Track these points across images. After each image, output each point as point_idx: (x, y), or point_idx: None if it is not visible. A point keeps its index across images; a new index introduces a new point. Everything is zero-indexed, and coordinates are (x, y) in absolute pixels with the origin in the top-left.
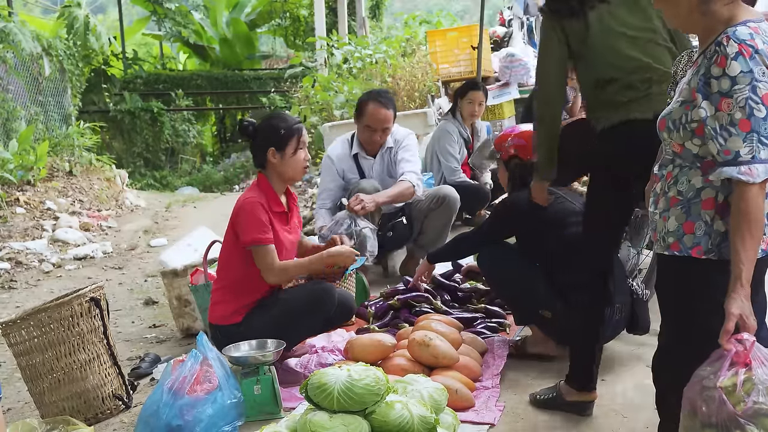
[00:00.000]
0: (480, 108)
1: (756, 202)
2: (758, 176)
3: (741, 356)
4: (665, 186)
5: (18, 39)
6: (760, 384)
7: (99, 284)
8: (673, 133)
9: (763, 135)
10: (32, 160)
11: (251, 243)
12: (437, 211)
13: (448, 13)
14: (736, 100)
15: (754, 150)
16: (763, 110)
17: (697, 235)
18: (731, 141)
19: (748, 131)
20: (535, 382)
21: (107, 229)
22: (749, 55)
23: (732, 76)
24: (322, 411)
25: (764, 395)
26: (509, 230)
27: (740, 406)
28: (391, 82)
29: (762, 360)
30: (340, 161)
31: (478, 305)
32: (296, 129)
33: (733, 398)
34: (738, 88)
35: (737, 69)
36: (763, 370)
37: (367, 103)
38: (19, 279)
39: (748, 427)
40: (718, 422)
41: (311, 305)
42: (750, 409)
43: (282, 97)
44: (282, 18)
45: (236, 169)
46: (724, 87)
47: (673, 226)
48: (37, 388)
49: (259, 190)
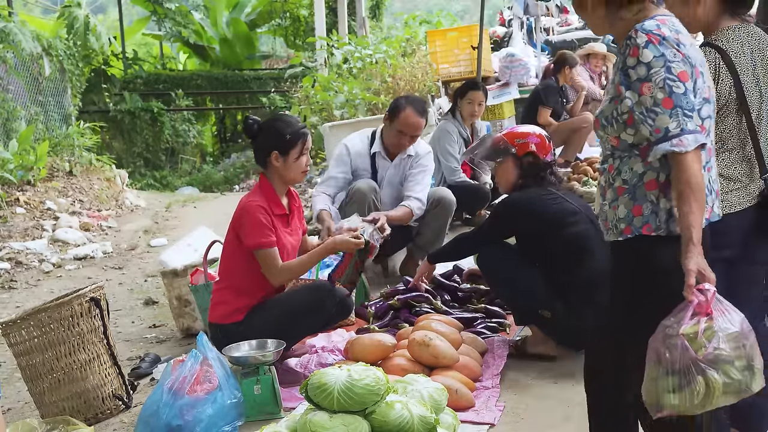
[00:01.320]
0: (480, 108)
1: (693, 168)
2: (689, 145)
3: (703, 306)
4: (609, 178)
5: (18, 39)
6: (720, 332)
7: (99, 284)
8: (608, 128)
9: (686, 109)
10: (32, 160)
11: (255, 247)
12: (433, 213)
13: (448, 13)
14: (655, 82)
15: (681, 123)
16: (682, 86)
17: (645, 215)
18: (659, 119)
19: (671, 108)
20: (535, 382)
21: (107, 229)
22: (658, 42)
23: (646, 62)
24: (322, 411)
25: (724, 342)
26: (509, 230)
27: (701, 351)
28: (391, 82)
29: (723, 310)
30: (358, 157)
31: (478, 305)
32: (301, 134)
33: (694, 345)
34: (654, 71)
35: (650, 55)
36: (723, 319)
37: (404, 108)
38: (19, 279)
39: (708, 371)
40: (681, 368)
41: (311, 305)
42: (711, 354)
43: (282, 97)
44: (282, 18)
45: (236, 169)
46: (642, 73)
47: (623, 212)
48: (37, 388)
49: (260, 193)
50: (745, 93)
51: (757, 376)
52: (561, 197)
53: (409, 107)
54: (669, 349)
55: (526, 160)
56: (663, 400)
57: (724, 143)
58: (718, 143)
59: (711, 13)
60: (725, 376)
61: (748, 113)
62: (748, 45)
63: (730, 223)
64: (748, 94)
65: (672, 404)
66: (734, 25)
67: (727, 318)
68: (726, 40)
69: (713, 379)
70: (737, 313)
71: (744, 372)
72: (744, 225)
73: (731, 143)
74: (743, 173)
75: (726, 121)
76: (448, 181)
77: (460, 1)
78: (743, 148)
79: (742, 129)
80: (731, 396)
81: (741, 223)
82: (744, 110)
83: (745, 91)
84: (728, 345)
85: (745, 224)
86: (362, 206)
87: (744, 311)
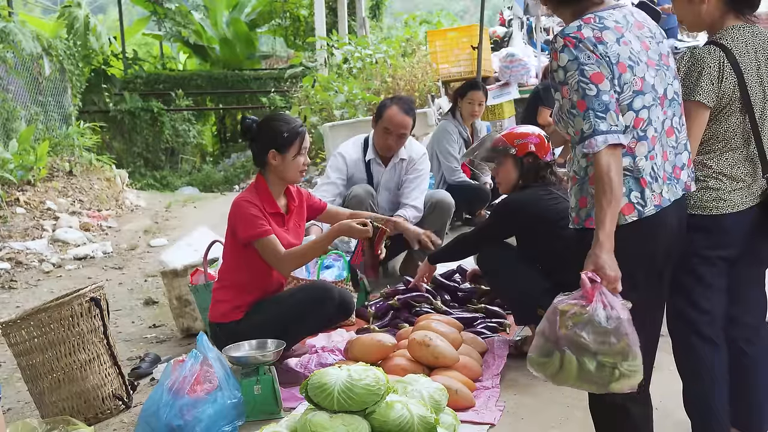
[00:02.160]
0: (480, 108)
1: (603, 167)
2: (597, 146)
3: (588, 292)
4: (569, 168)
5: (18, 39)
6: (589, 322)
7: (99, 284)
8: (559, 124)
9: (598, 110)
10: (32, 160)
11: (250, 239)
12: (430, 218)
13: (448, 13)
14: (571, 85)
15: (593, 124)
16: (594, 88)
17: (588, 208)
18: (576, 121)
19: (584, 110)
20: (535, 382)
21: (107, 229)
22: (573, 45)
23: (563, 65)
24: (322, 411)
25: (588, 332)
26: (509, 230)
27: (564, 329)
28: (391, 82)
29: (606, 304)
30: (352, 165)
31: (478, 305)
32: (299, 132)
33: (561, 321)
34: (570, 74)
35: (565, 59)
36: (600, 312)
37: (388, 107)
38: (19, 279)
39: (565, 350)
40: (548, 338)
41: (311, 304)
42: (571, 335)
43: (282, 97)
44: (282, 18)
45: (236, 169)
46: (561, 76)
47: (573, 202)
48: (37, 388)
49: (254, 192)
50: (749, 92)
51: (621, 380)
52: (561, 197)
53: (394, 105)
54: (548, 319)
55: (526, 161)
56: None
57: (728, 142)
58: (722, 142)
59: (716, 11)
60: (580, 363)
61: (751, 112)
62: (752, 45)
63: (733, 222)
64: (752, 93)
65: (536, 368)
66: (739, 25)
67: (604, 312)
68: (731, 39)
69: (568, 359)
70: (622, 313)
71: (604, 368)
72: (747, 224)
73: (735, 142)
74: (747, 173)
75: (730, 119)
76: (448, 181)
77: (460, 1)
78: (747, 148)
79: (746, 128)
80: (589, 385)
81: (744, 222)
82: (747, 109)
83: (748, 90)
84: (592, 336)
85: (748, 224)
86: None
87: (746, 311)
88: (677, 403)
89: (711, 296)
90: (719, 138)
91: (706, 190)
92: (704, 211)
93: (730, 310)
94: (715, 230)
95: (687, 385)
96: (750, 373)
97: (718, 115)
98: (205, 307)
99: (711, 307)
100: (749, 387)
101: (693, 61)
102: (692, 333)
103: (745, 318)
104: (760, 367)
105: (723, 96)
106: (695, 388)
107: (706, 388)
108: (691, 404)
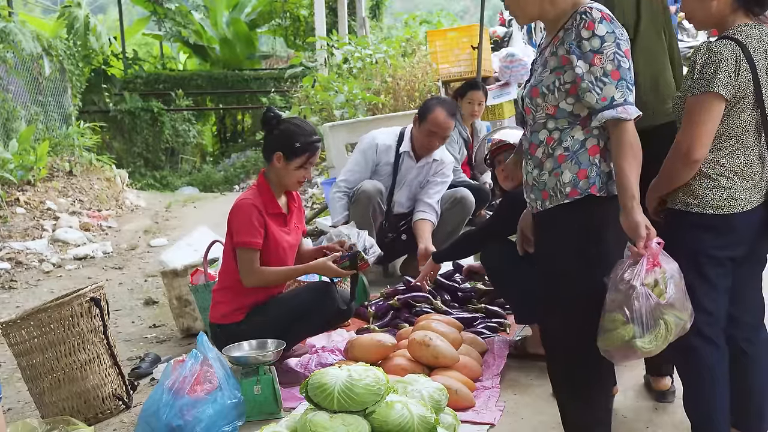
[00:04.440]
0: (480, 108)
1: (634, 133)
2: (632, 114)
3: (654, 258)
4: (548, 149)
5: (18, 39)
6: (670, 278)
7: (99, 284)
8: (548, 96)
9: (629, 83)
10: (32, 160)
11: (239, 245)
12: (453, 211)
13: (448, 13)
14: (606, 55)
15: (624, 94)
16: (627, 62)
17: (591, 177)
18: (606, 89)
19: (618, 79)
20: (535, 382)
21: (107, 229)
22: (609, 20)
23: (600, 35)
24: (322, 411)
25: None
26: (512, 227)
27: (663, 297)
28: (391, 82)
29: (665, 260)
30: (384, 151)
31: (478, 305)
32: (311, 149)
33: (656, 291)
34: (606, 45)
35: (604, 30)
36: (670, 266)
37: (435, 108)
38: (19, 279)
39: (666, 315)
40: (646, 314)
41: (311, 305)
42: (671, 298)
43: (282, 97)
44: (282, 18)
45: (236, 169)
46: (595, 45)
47: (568, 177)
48: (37, 388)
49: (257, 192)
50: (762, 87)
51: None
52: None
53: (439, 107)
54: (636, 299)
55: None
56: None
57: (740, 138)
58: (734, 138)
59: (726, 8)
60: (677, 318)
61: (763, 107)
62: (763, 43)
63: (743, 221)
64: (764, 89)
65: (643, 348)
66: (749, 23)
67: (670, 267)
68: (745, 35)
69: (669, 321)
70: (673, 262)
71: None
72: (755, 223)
73: (746, 138)
74: (756, 172)
75: (743, 115)
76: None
77: (460, 1)
78: (758, 144)
79: (758, 124)
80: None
81: (752, 221)
82: (760, 104)
83: (761, 85)
84: (676, 290)
85: (756, 222)
86: (366, 208)
87: (746, 311)
88: (677, 403)
89: (715, 297)
90: (731, 134)
91: (719, 189)
92: (716, 211)
93: (731, 310)
94: (725, 230)
95: (687, 386)
96: (750, 373)
97: (731, 110)
98: (205, 307)
99: (714, 307)
100: (749, 387)
101: (710, 53)
102: (693, 333)
103: (745, 318)
104: (760, 367)
105: (739, 89)
106: (695, 389)
107: (707, 388)
108: (691, 404)
